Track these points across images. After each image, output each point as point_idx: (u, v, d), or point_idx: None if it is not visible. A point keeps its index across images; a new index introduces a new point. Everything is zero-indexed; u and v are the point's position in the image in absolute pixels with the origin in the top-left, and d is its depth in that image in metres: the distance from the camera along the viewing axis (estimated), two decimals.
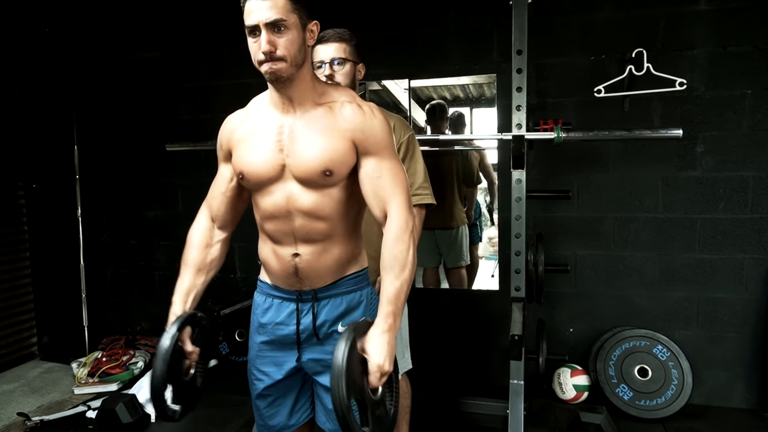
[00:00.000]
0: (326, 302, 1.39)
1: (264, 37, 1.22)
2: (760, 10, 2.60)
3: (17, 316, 3.38)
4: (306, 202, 1.31)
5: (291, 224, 1.33)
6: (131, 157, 3.62)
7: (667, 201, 2.80)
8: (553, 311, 2.97)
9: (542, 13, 2.68)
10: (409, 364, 2.09)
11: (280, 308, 1.42)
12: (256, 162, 1.32)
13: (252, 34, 1.24)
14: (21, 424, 2.62)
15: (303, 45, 1.27)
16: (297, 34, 1.24)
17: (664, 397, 2.68)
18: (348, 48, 1.90)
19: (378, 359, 1.20)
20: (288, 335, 1.41)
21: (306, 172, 1.29)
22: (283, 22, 1.21)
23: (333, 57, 1.86)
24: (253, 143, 1.34)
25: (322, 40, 1.88)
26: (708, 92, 2.70)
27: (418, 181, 1.96)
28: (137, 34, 3.54)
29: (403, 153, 1.95)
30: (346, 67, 1.89)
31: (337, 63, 1.86)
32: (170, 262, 3.62)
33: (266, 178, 1.32)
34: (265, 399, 1.48)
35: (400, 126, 1.98)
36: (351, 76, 1.92)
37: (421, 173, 1.98)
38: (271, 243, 1.39)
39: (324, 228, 1.34)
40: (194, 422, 2.69)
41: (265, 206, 1.35)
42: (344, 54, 1.88)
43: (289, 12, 1.22)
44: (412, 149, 1.98)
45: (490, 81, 3.09)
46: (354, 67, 1.92)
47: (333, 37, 1.88)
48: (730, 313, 2.76)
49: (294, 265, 1.36)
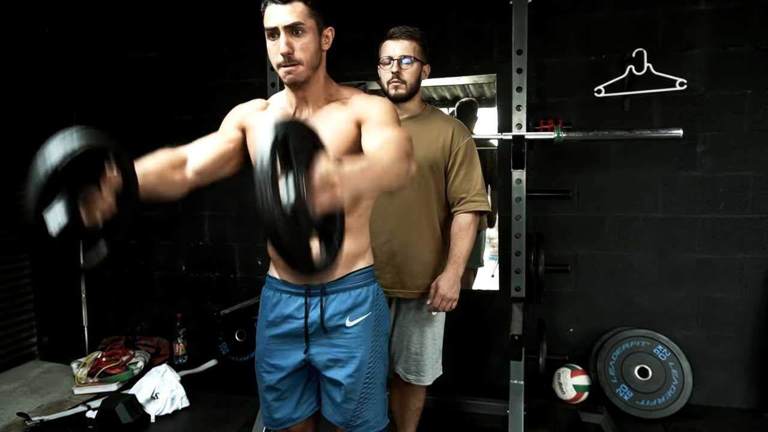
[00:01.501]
0: (334, 297, 1.43)
1: (282, 39, 1.29)
2: (760, 10, 2.60)
3: (17, 316, 3.38)
4: None
5: None
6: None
7: (667, 201, 2.80)
8: (553, 311, 2.97)
9: (542, 13, 2.68)
10: (440, 371, 2.09)
11: (289, 302, 1.45)
12: None
13: (271, 37, 1.32)
14: (21, 424, 2.61)
15: (319, 49, 1.35)
16: (314, 38, 1.32)
17: (664, 397, 2.68)
18: (417, 47, 1.89)
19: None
20: (296, 329, 1.45)
21: None
22: (301, 26, 1.29)
23: (402, 55, 1.86)
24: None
25: (392, 37, 1.88)
26: (708, 92, 2.70)
27: (475, 187, 1.95)
28: (137, 34, 3.54)
29: (461, 158, 1.94)
30: (413, 66, 1.88)
31: (405, 61, 1.86)
32: (170, 262, 3.62)
33: None
34: (274, 392, 1.51)
35: (459, 130, 1.96)
36: (417, 75, 1.91)
37: (479, 180, 1.97)
38: None
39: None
40: (194, 422, 2.69)
41: None
42: (413, 53, 1.88)
43: (307, 17, 1.30)
44: (470, 155, 1.96)
45: (490, 81, 3.09)
46: (421, 66, 1.92)
47: (404, 34, 1.87)
48: (730, 313, 2.76)
49: None
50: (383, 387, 1.52)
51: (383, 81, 1.93)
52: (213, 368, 3.35)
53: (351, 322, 1.43)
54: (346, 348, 1.43)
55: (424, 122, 1.96)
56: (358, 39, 3.04)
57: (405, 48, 1.86)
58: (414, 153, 1.24)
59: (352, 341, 1.43)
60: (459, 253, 1.92)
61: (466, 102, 3.29)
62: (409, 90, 1.91)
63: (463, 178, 1.94)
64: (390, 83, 1.90)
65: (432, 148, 1.93)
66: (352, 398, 1.44)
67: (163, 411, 2.73)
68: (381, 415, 1.51)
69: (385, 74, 1.91)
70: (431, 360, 2.03)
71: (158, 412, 2.71)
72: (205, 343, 3.43)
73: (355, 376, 1.43)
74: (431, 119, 1.97)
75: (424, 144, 1.92)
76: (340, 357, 1.43)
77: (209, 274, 3.56)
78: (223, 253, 3.50)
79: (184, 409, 2.80)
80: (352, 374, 1.43)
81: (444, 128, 1.95)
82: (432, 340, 2.03)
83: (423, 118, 1.97)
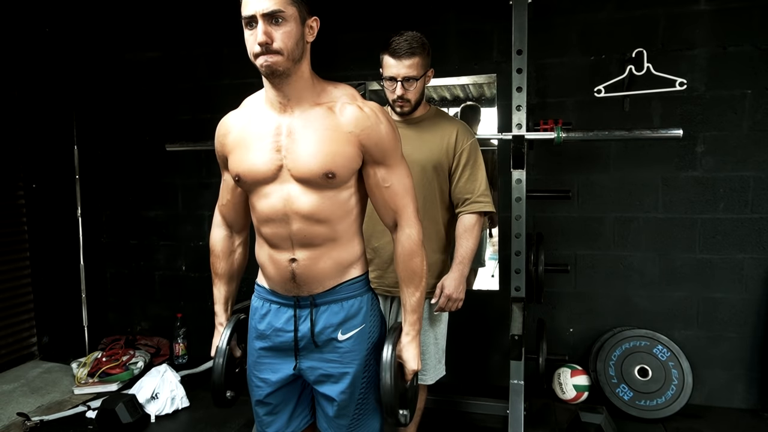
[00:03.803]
0: (325, 308, 1.35)
1: (260, 28, 1.18)
2: (760, 10, 2.60)
3: (17, 316, 3.38)
4: (304, 205, 1.28)
5: (288, 228, 1.30)
6: (131, 157, 3.62)
7: (667, 201, 2.80)
8: (553, 311, 2.97)
9: (542, 13, 2.68)
10: (442, 371, 2.10)
11: (278, 314, 1.39)
12: (253, 163, 1.29)
13: (248, 26, 1.20)
14: (21, 424, 2.61)
15: (301, 39, 1.23)
16: (295, 27, 1.21)
17: (664, 397, 2.68)
18: (421, 61, 1.83)
19: (413, 365, 1.39)
20: (286, 342, 1.38)
21: (307, 174, 1.26)
22: (280, 14, 1.18)
23: (405, 76, 1.82)
24: (250, 144, 1.31)
25: (394, 54, 1.81)
26: (708, 92, 2.70)
27: (480, 188, 1.95)
28: (137, 34, 3.54)
29: (465, 159, 1.94)
30: (418, 84, 1.86)
31: (409, 82, 1.83)
32: (170, 262, 3.62)
33: (262, 179, 1.29)
34: (265, 406, 1.45)
35: (464, 132, 1.96)
36: (421, 89, 1.90)
37: (483, 181, 1.97)
38: (267, 247, 1.36)
39: (323, 232, 1.30)
40: (194, 422, 2.70)
41: (261, 209, 1.32)
42: (416, 71, 1.83)
43: (288, 4, 1.18)
44: (474, 156, 1.96)
45: (490, 81, 3.09)
46: (425, 79, 1.90)
47: (406, 52, 1.80)
48: (730, 313, 2.76)
49: (291, 270, 1.33)
50: (378, 401, 1.46)
51: (388, 98, 1.93)
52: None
53: (343, 336, 1.35)
54: (338, 363, 1.36)
55: (428, 124, 1.97)
56: (357, 39, 3.04)
57: (408, 68, 1.81)
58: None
59: (345, 356, 1.36)
60: (464, 253, 1.93)
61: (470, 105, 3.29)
62: (414, 105, 1.91)
63: (467, 179, 1.95)
64: (395, 103, 1.89)
65: (436, 149, 1.93)
66: (345, 414, 1.38)
67: (163, 411, 2.73)
68: (377, 430, 1.46)
69: (390, 94, 1.90)
70: (434, 360, 2.04)
71: (158, 412, 2.71)
72: (205, 343, 3.37)
73: (347, 392, 1.36)
74: (435, 121, 1.98)
75: (428, 145, 1.93)
76: (332, 372, 1.37)
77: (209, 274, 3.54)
78: None
79: (184, 409, 2.81)
80: (344, 390, 1.36)
81: (448, 129, 1.95)
82: (434, 340, 2.04)
83: (427, 120, 1.98)
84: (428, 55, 1.89)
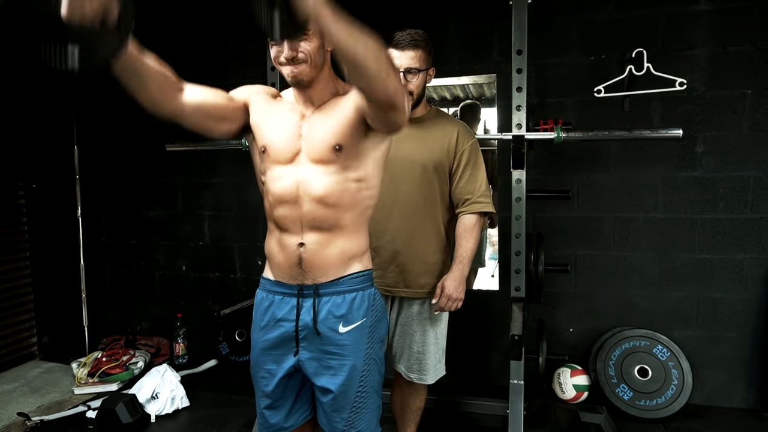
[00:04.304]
0: (327, 299, 1.40)
1: (287, 43, 1.29)
2: (760, 10, 2.60)
3: (17, 316, 3.38)
4: (317, 187, 1.36)
5: (299, 210, 1.37)
6: (131, 157, 3.62)
7: (667, 201, 2.80)
8: (553, 311, 2.97)
9: (542, 13, 2.68)
10: (442, 371, 2.10)
11: (281, 304, 1.43)
12: (278, 140, 1.40)
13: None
14: (21, 424, 2.62)
15: (322, 48, 1.34)
16: (317, 37, 1.31)
17: (664, 397, 2.68)
18: (423, 54, 1.87)
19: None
20: (288, 331, 1.42)
21: (319, 151, 1.36)
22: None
23: (407, 67, 1.85)
24: (278, 122, 1.42)
25: (397, 46, 1.85)
26: (708, 92, 2.70)
27: (480, 188, 1.96)
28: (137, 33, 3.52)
29: (466, 159, 1.95)
30: (419, 77, 1.88)
31: (411, 74, 1.85)
32: (170, 262, 3.62)
33: (282, 159, 1.39)
34: (267, 399, 1.49)
35: (464, 132, 1.97)
36: (422, 84, 1.91)
37: (483, 182, 1.98)
38: (277, 232, 1.43)
39: (332, 216, 1.37)
40: (194, 422, 2.70)
41: (275, 190, 1.40)
42: (418, 63, 1.86)
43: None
44: (475, 157, 1.97)
45: (490, 81, 3.09)
46: (426, 74, 1.91)
47: (408, 43, 1.85)
48: (730, 313, 2.76)
49: (299, 254, 1.39)
50: (377, 395, 1.49)
51: None
52: (213, 368, 3.35)
53: (344, 329, 1.39)
54: (338, 355, 1.40)
55: (429, 124, 1.97)
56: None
57: (410, 59, 1.85)
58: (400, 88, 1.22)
59: (345, 348, 1.40)
60: (464, 253, 1.94)
61: (469, 104, 3.29)
62: (415, 100, 1.92)
63: (468, 180, 1.96)
64: None
65: (437, 150, 1.94)
66: (344, 407, 1.41)
67: (164, 411, 2.73)
68: (374, 424, 1.48)
69: None
70: (434, 359, 2.04)
71: (158, 412, 2.71)
72: (205, 343, 3.43)
73: (346, 385, 1.40)
74: (436, 121, 1.98)
75: (429, 145, 1.93)
76: (332, 364, 1.40)
77: (209, 274, 3.56)
78: (223, 253, 3.51)
79: (184, 409, 2.81)
80: (343, 383, 1.39)
81: (449, 130, 1.96)
82: (434, 340, 2.04)
83: (428, 120, 1.98)
84: (430, 53, 1.92)
